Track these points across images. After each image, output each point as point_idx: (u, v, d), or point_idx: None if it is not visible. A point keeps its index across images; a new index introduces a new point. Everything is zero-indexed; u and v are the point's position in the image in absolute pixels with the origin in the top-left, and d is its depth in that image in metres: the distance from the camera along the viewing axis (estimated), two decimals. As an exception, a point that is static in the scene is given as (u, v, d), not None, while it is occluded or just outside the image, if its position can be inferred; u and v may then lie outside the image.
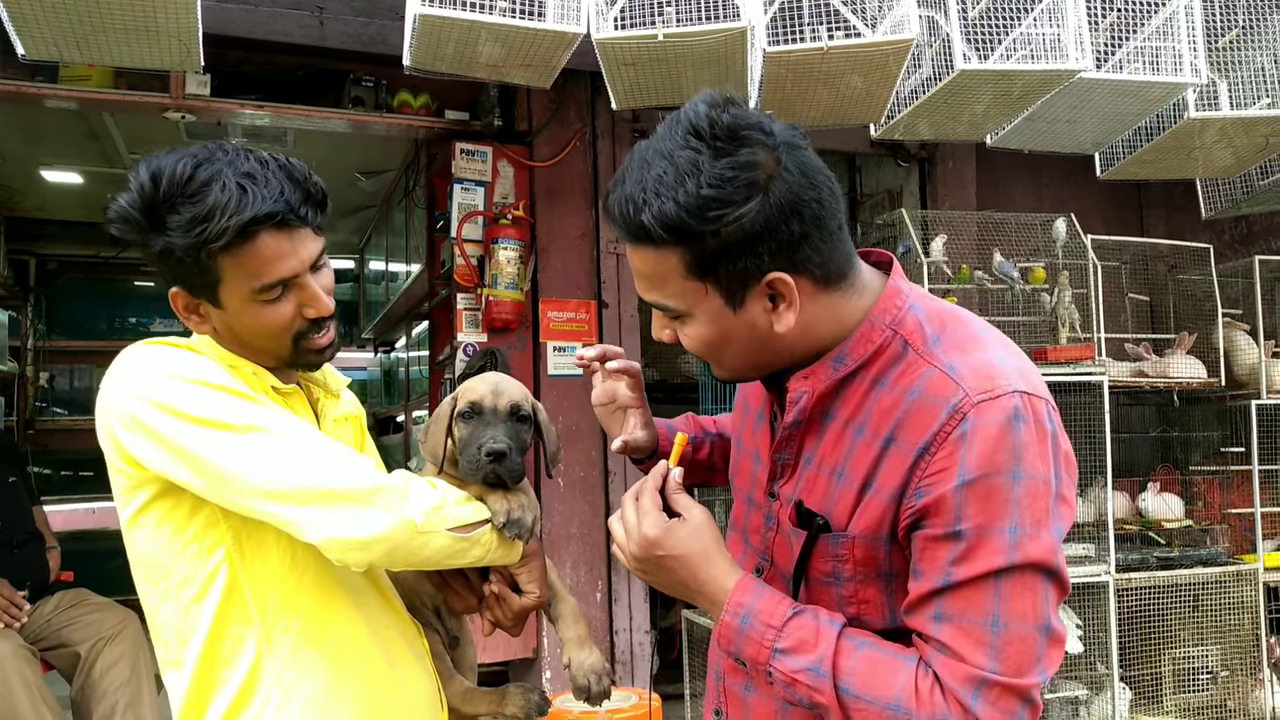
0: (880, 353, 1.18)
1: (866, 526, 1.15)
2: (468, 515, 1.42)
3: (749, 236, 1.09)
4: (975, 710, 1.05)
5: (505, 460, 1.43)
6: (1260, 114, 3.74)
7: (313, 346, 1.47)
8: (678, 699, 4.58)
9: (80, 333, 8.37)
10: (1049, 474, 1.09)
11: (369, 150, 5.89)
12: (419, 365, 7.01)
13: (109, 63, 3.07)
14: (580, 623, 1.54)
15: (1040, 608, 1.07)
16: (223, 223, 1.31)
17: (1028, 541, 1.06)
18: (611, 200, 1.16)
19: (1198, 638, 4.50)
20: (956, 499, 1.07)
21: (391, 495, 1.34)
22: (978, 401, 1.08)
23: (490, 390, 1.51)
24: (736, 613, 1.17)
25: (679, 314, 1.18)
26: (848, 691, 1.10)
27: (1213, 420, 4.99)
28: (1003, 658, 1.05)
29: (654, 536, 1.19)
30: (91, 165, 6.39)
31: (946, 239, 4.52)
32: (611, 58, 3.11)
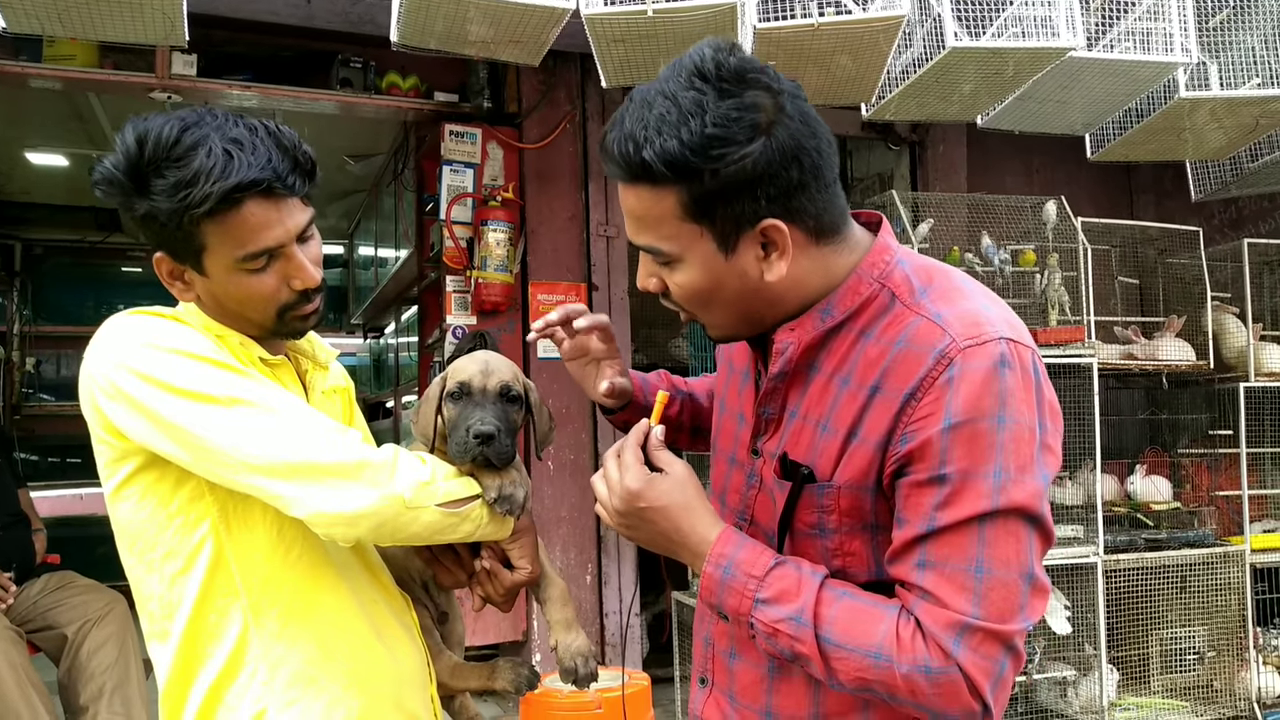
0: (867, 305, 1.17)
1: (852, 476, 1.14)
2: (458, 490, 1.40)
3: (749, 178, 1.09)
4: (957, 656, 1.04)
5: (493, 442, 1.41)
6: (1250, 94, 3.74)
7: (296, 316, 1.44)
8: (667, 681, 4.59)
9: (67, 317, 8.30)
10: (1034, 421, 1.09)
11: (358, 133, 5.86)
12: (408, 350, 7.00)
13: (92, 37, 3.03)
14: (568, 606, 1.53)
15: (1024, 554, 1.07)
16: (206, 188, 1.28)
17: (1012, 486, 1.06)
18: (610, 139, 1.14)
19: (1185, 619, 4.53)
20: (942, 443, 1.06)
21: (379, 470, 1.31)
22: (964, 347, 1.08)
23: (480, 370, 1.48)
24: (719, 563, 1.17)
25: (670, 258, 1.16)
26: (829, 640, 1.10)
27: (1201, 403, 5.01)
28: (985, 603, 1.05)
29: (636, 489, 1.19)
30: (77, 148, 6.35)
31: (933, 223, 4.52)
32: (601, 34, 3.09)
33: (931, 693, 1.05)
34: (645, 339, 5.81)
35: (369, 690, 1.43)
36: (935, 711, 1.07)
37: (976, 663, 1.04)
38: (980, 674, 1.04)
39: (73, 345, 8.22)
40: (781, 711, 1.23)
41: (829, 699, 1.20)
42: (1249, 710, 4.47)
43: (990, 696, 1.05)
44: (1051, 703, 4.32)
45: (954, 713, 1.06)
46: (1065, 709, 4.30)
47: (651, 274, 1.21)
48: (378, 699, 1.45)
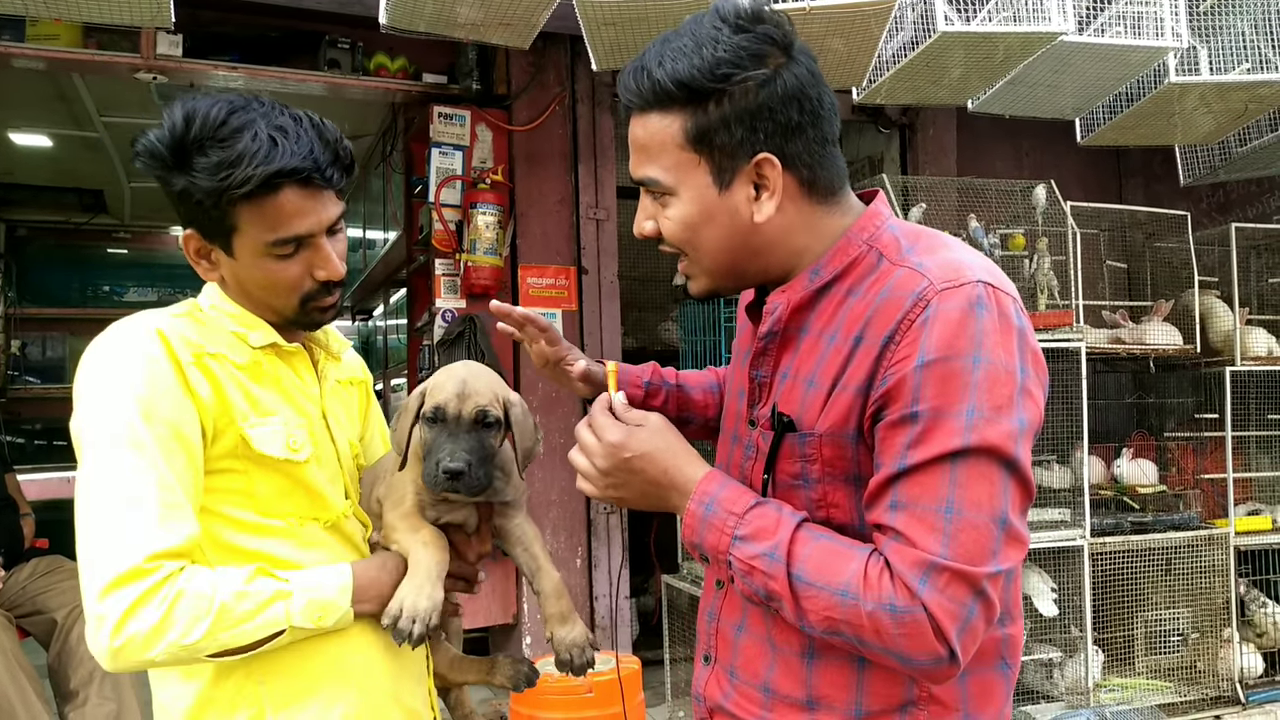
0: (855, 265, 1.20)
1: (834, 423, 1.15)
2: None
3: (751, 109, 1.15)
4: (922, 595, 1.04)
5: (463, 478, 1.40)
6: (1240, 79, 3.75)
7: (316, 307, 1.45)
8: (657, 664, 4.62)
9: (53, 300, 8.24)
10: (1013, 364, 1.09)
11: (346, 114, 5.81)
12: (397, 333, 6.97)
13: (76, 18, 3.00)
14: (563, 598, 1.51)
15: (997, 499, 1.06)
16: (249, 170, 1.30)
17: (985, 425, 1.05)
18: (626, 70, 1.21)
19: (1169, 601, 4.57)
20: (915, 380, 1.07)
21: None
22: (941, 289, 1.10)
23: (456, 394, 1.44)
24: (702, 500, 1.19)
25: (666, 190, 1.20)
26: (800, 579, 1.10)
27: (1187, 387, 5.04)
28: (954, 544, 1.04)
29: (619, 440, 1.21)
30: (61, 128, 6.28)
31: (925, 207, 4.52)
32: (591, 17, 3.07)
33: (896, 633, 1.04)
34: (635, 322, 5.81)
35: (366, 687, 1.44)
36: (901, 655, 1.06)
37: (943, 604, 1.03)
38: (946, 616, 1.03)
39: (58, 327, 8.17)
40: (779, 689, 1.24)
41: (822, 680, 1.20)
42: (1231, 690, 4.52)
43: (956, 641, 1.04)
44: (1037, 684, 4.36)
45: (919, 657, 1.05)
46: (1051, 690, 4.34)
47: (648, 216, 1.25)
48: (375, 695, 1.45)
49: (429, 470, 1.42)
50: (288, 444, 1.40)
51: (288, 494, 1.41)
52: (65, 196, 7.80)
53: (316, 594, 1.34)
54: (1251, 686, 4.60)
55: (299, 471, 1.41)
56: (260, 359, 1.43)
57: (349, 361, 1.68)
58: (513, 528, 1.56)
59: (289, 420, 1.42)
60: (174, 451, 1.30)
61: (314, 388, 1.51)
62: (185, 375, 1.33)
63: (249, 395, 1.39)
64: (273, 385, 1.44)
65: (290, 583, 1.32)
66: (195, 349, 1.36)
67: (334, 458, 1.50)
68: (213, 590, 1.27)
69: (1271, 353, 4.85)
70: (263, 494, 1.39)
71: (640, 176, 1.22)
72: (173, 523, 1.27)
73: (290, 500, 1.41)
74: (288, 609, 1.31)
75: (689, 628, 4.33)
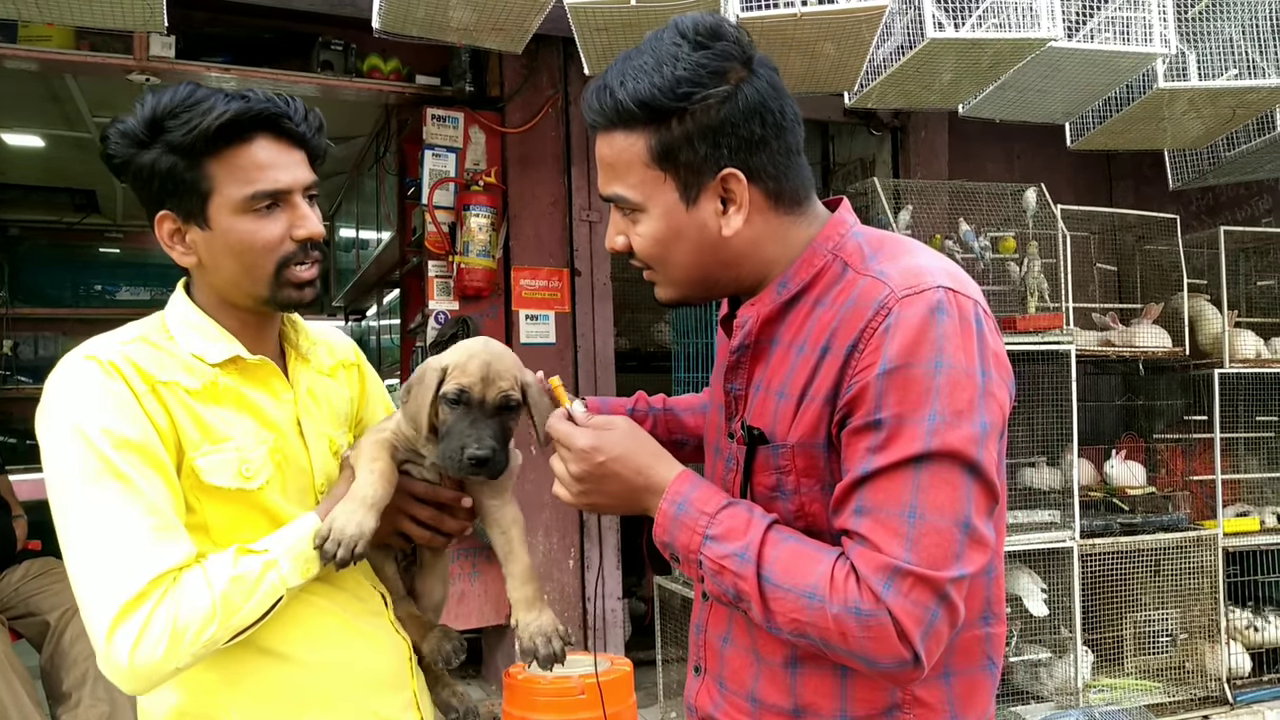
0: (821, 275, 1.22)
1: (803, 433, 1.17)
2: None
3: (713, 125, 1.17)
4: (886, 599, 1.04)
5: (489, 465, 1.38)
6: (1228, 85, 3.77)
7: (295, 279, 1.41)
8: (650, 665, 4.63)
9: (45, 300, 8.23)
10: (973, 367, 1.10)
11: (339, 115, 5.81)
12: (390, 334, 6.98)
13: (69, 22, 3.00)
14: (530, 583, 1.46)
15: (960, 503, 1.07)
16: (221, 109, 1.32)
17: (947, 429, 1.07)
18: (590, 89, 1.22)
19: (1158, 602, 4.60)
20: (878, 387, 1.09)
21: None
22: (902, 296, 1.11)
23: (481, 377, 1.41)
24: (674, 500, 1.19)
25: (635, 207, 1.22)
26: (768, 580, 1.11)
27: (1176, 389, 5.07)
28: (918, 549, 1.05)
29: (591, 444, 1.22)
30: (53, 128, 6.27)
31: (913, 209, 4.54)
32: (584, 23, 3.08)
33: (861, 635, 1.05)
34: (628, 324, 5.82)
35: (336, 702, 1.44)
36: (866, 658, 1.07)
37: (907, 609, 1.04)
38: (910, 620, 1.04)
39: (51, 327, 8.16)
40: (765, 699, 1.25)
41: (806, 688, 1.22)
42: (1219, 690, 4.55)
43: (920, 645, 1.05)
44: (1027, 684, 4.39)
45: (883, 660, 1.06)
46: (1040, 690, 4.37)
47: (619, 232, 1.26)
48: (347, 710, 1.45)
49: (450, 452, 1.39)
50: (239, 472, 1.38)
51: (246, 522, 1.39)
52: (57, 196, 7.78)
53: (296, 549, 1.35)
54: (1239, 686, 4.63)
55: (255, 498, 1.39)
56: (218, 379, 1.40)
57: (336, 346, 1.65)
58: (493, 508, 1.52)
59: (245, 444, 1.39)
60: (152, 475, 1.30)
61: (286, 394, 1.48)
62: (144, 404, 1.33)
63: (201, 423, 1.37)
64: (232, 404, 1.41)
65: (270, 551, 1.34)
66: (148, 379, 1.35)
67: (305, 469, 1.47)
68: (209, 587, 1.28)
69: (1260, 355, 4.88)
70: (217, 525, 1.37)
71: (609, 194, 1.23)
72: (166, 544, 1.28)
73: (249, 527, 1.39)
74: (280, 575, 1.33)
75: (681, 629, 4.35)
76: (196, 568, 1.30)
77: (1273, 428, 5.00)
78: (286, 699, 1.40)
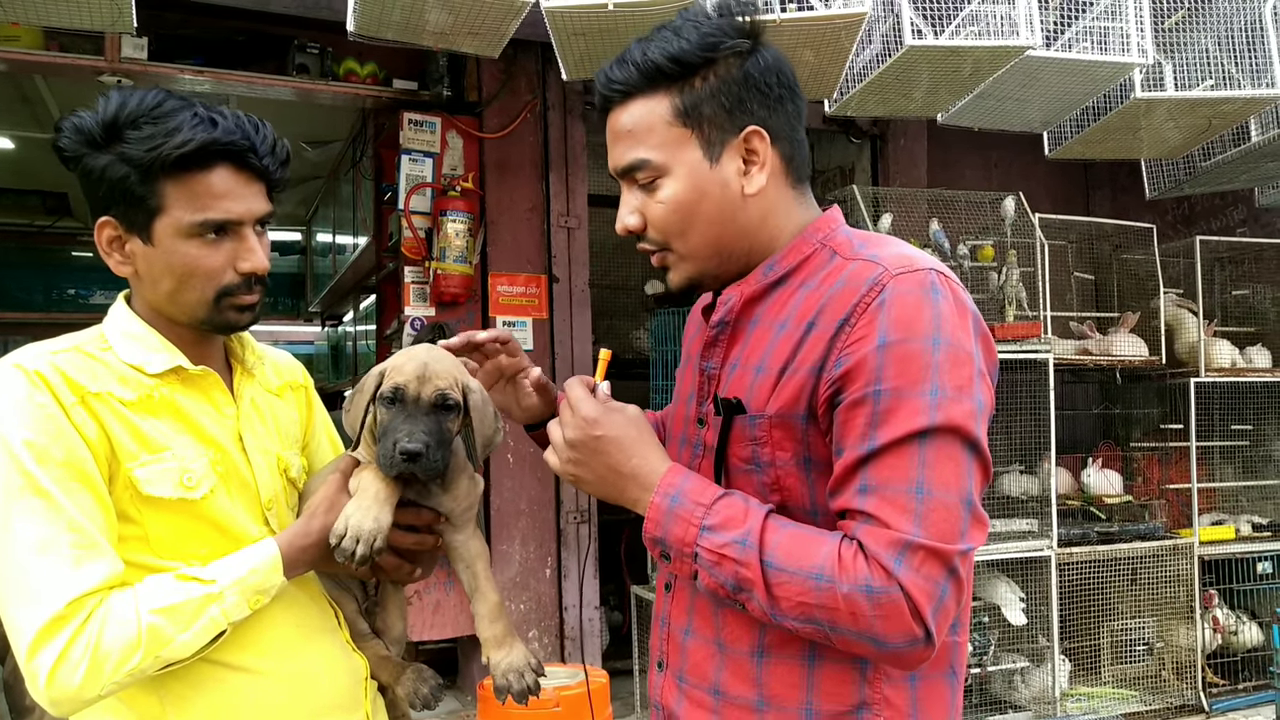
0: (808, 261, 1.24)
1: (783, 404, 1.16)
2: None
3: (737, 79, 1.21)
4: (898, 574, 1.04)
5: (420, 460, 1.35)
6: (1203, 95, 3.79)
7: (235, 303, 1.37)
8: (627, 674, 4.60)
9: (15, 304, 8.12)
10: (970, 347, 1.11)
11: (315, 120, 5.76)
12: (367, 339, 6.92)
13: (34, 21, 2.95)
14: (498, 622, 1.44)
15: (963, 479, 1.08)
16: (186, 135, 1.27)
17: (949, 404, 1.07)
18: (605, 67, 1.25)
19: (1135, 610, 4.61)
20: (877, 360, 1.08)
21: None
22: (896, 274, 1.12)
23: (416, 375, 1.39)
24: (667, 493, 1.17)
25: (658, 171, 1.22)
26: (772, 565, 1.10)
27: (1153, 397, 5.10)
28: (927, 524, 1.05)
29: (593, 416, 1.21)
30: (23, 130, 6.18)
31: (893, 217, 4.55)
32: (561, 27, 3.05)
33: (873, 614, 1.04)
34: (606, 330, 5.79)
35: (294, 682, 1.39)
36: (876, 637, 1.05)
37: (918, 583, 1.04)
38: (922, 595, 1.04)
39: (21, 332, 8.02)
40: (729, 690, 1.23)
41: (773, 680, 1.20)
42: (1195, 699, 4.57)
43: (931, 620, 1.05)
44: (1004, 693, 4.38)
45: (895, 638, 1.05)
46: (1017, 699, 4.37)
47: (633, 209, 1.26)
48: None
49: (384, 451, 1.37)
50: (181, 481, 1.32)
51: (191, 534, 1.34)
52: (28, 199, 7.68)
53: (248, 581, 1.30)
54: (1215, 695, 4.65)
55: (199, 509, 1.33)
56: (155, 390, 1.35)
57: (284, 367, 1.60)
58: (457, 543, 1.49)
59: (185, 454, 1.34)
60: (76, 491, 1.25)
61: (229, 408, 1.43)
62: (71, 416, 1.28)
63: (137, 433, 1.31)
64: (170, 416, 1.36)
65: (217, 582, 1.28)
66: (77, 390, 1.29)
67: (249, 484, 1.41)
68: (136, 615, 1.23)
69: (1235, 364, 4.91)
70: (159, 537, 1.32)
71: (629, 161, 1.23)
72: (89, 563, 1.23)
73: (195, 540, 1.34)
74: (223, 609, 1.28)
75: (658, 638, 4.31)
76: (128, 591, 1.25)
77: (1248, 436, 5.04)
78: (236, 715, 1.35)
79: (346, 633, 1.51)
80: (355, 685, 1.48)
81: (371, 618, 1.59)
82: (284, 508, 1.47)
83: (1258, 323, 5.25)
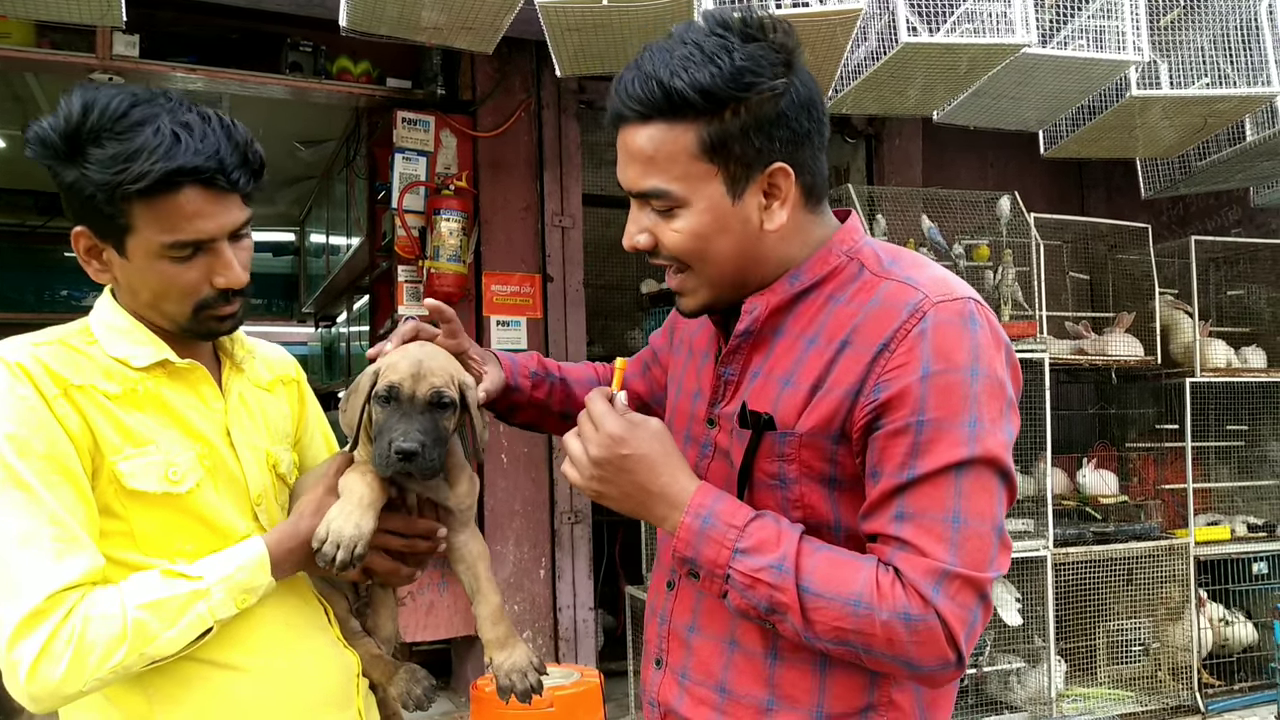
0: (836, 273, 1.22)
1: (816, 424, 1.16)
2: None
3: (770, 118, 1.15)
4: (935, 602, 1.06)
5: (416, 459, 1.34)
6: (1199, 94, 3.78)
7: (215, 314, 1.35)
8: (621, 675, 4.58)
9: (7, 304, 8.08)
10: (1004, 378, 1.13)
11: (308, 118, 5.74)
12: (360, 340, 6.89)
13: (21, 14, 2.92)
14: (500, 623, 1.44)
15: (995, 508, 1.10)
16: (146, 165, 1.21)
17: (987, 436, 1.09)
18: (626, 77, 1.18)
19: (1131, 611, 4.60)
20: (919, 391, 1.09)
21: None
22: (937, 302, 1.13)
23: (411, 373, 1.38)
24: (698, 514, 1.16)
25: (676, 203, 1.18)
26: (808, 590, 1.10)
27: (1148, 398, 5.09)
28: (962, 553, 1.07)
29: (619, 433, 1.19)
30: (14, 129, 6.14)
31: (888, 216, 4.54)
32: (555, 23, 3.04)
33: (910, 640, 1.06)
34: (601, 330, 5.77)
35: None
36: (910, 662, 1.08)
37: (954, 610, 1.06)
38: (957, 622, 1.06)
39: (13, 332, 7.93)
40: (736, 689, 1.23)
41: (785, 682, 1.20)
42: (1191, 699, 4.55)
43: (964, 644, 1.08)
44: (1000, 694, 4.37)
45: (929, 663, 1.07)
46: (1013, 700, 4.35)
47: (644, 229, 1.22)
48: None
49: (380, 450, 1.35)
50: (165, 476, 1.30)
51: (177, 529, 1.32)
52: (20, 199, 7.64)
53: (235, 579, 1.29)
54: (1211, 695, 4.64)
55: (185, 503, 1.32)
56: (140, 383, 1.33)
57: (275, 361, 1.59)
58: (458, 543, 1.49)
59: (170, 448, 1.32)
60: (58, 484, 1.23)
61: (217, 402, 1.41)
62: (53, 408, 1.26)
63: (121, 426, 1.30)
64: (156, 410, 1.34)
65: (204, 579, 1.27)
66: (60, 382, 1.28)
67: (238, 479, 1.40)
68: (121, 609, 1.21)
69: (1230, 364, 4.90)
70: (144, 532, 1.30)
71: (646, 188, 1.19)
72: (70, 557, 1.21)
73: (182, 535, 1.32)
74: (210, 606, 1.26)
75: (653, 639, 4.29)
76: (113, 587, 1.23)
77: (1243, 437, 5.03)
78: (225, 714, 1.33)
79: (337, 629, 1.49)
80: (347, 682, 1.47)
81: (362, 618, 1.58)
82: (273, 504, 1.45)
83: (1253, 323, 5.25)
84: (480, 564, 1.49)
